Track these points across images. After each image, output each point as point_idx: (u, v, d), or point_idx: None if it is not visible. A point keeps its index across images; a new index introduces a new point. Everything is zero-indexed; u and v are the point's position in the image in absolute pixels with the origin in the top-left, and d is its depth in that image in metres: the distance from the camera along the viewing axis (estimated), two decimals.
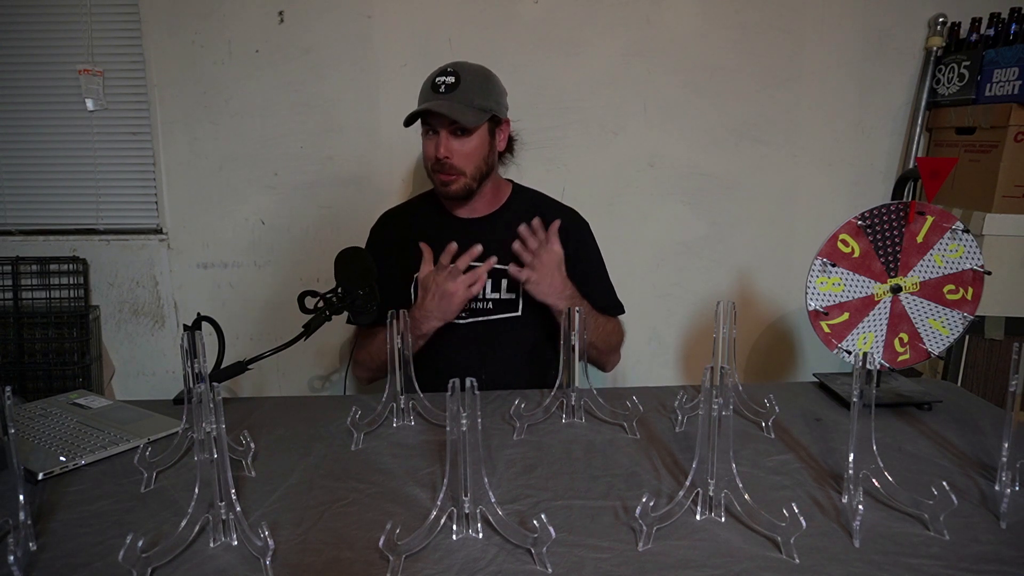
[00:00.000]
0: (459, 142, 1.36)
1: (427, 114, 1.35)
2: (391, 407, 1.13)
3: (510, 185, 1.55)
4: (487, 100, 1.37)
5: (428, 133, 1.39)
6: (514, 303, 1.43)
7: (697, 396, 1.00)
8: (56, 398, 1.26)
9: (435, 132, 1.37)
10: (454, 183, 1.38)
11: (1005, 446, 0.85)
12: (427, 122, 1.37)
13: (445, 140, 1.35)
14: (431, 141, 1.38)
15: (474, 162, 1.38)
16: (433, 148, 1.37)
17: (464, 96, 1.33)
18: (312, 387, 2.13)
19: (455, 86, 1.34)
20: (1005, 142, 1.72)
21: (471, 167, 1.38)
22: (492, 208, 1.49)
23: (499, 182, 1.52)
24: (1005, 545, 0.78)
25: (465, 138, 1.36)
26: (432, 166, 1.39)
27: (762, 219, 2.06)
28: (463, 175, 1.38)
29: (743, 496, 0.81)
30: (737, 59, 1.96)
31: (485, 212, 1.49)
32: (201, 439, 0.74)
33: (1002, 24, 1.79)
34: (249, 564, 0.75)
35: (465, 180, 1.39)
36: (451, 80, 1.34)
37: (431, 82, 1.36)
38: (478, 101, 1.35)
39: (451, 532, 0.80)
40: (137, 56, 1.95)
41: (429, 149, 1.39)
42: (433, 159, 1.37)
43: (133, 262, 2.05)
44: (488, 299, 1.44)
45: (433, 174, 1.41)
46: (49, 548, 0.79)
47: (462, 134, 1.36)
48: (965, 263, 1.14)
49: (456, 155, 1.36)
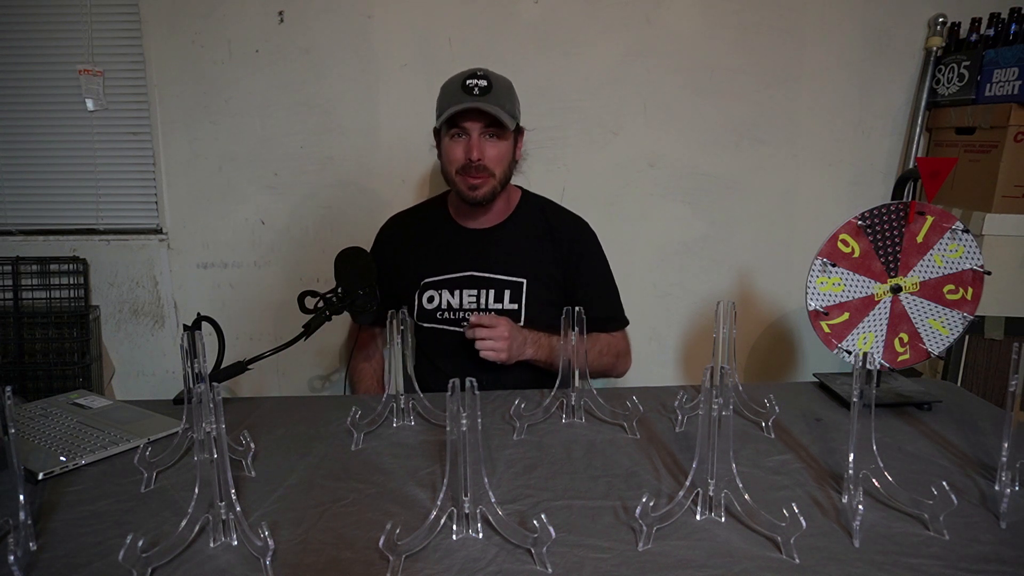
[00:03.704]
0: (491, 144, 1.35)
1: (461, 115, 1.32)
2: (391, 407, 1.13)
3: (519, 192, 1.53)
4: (514, 107, 1.38)
5: (456, 136, 1.36)
6: (516, 314, 1.42)
7: (697, 396, 1.00)
8: (56, 398, 1.26)
9: (464, 134, 1.35)
10: (483, 186, 1.36)
11: (1005, 446, 0.85)
12: (457, 124, 1.34)
13: (478, 142, 1.33)
14: (459, 143, 1.35)
15: (502, 166, 1.37)
16: (463, 150, 1.34)
17: (497, 99, 1.32)
18: (312, 387, 2.13)
19: (488, 89, 1.32)
20: (1005, 142, 1.72)
21: (500, 170, 1.37)
22: (501, 218, 1.48)
23: (509, 190, 1.50)
24: (1005, 545, 0.78)
25: (497, 141, 1.36)
26: (459, 169, 1.36)
27: (762, 219, 2.06)
28: (492, 177, 1.36)
29: (743, 496, 0.81)
30: (737, 59, 1.96)
31: (494, 223, 1.47)
32: (201, 439, 0.74)
33: (1002, 24, 1.79)
34: (249, 564, 0.75)
35: (494, 183, 1.37)
36: (484, 83, 1.32)
37: (460, 83, 1.33)
38: (508, 106, 1.34)
39: (451, 532, 0.80)
40: (137, 56, 1.95)
41: (457, 152, 1.36)
42: (463, 161, 1.35)
43: (133, 262, 2.05)
44: (491, 309, 1.43)
45: (459, 177, 1.37)
46: (49, 548, 0.79)
47: (494, 137, 1.35)
48: (965, 263, 1.14)
49: (488, 157, 1.35)
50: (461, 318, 1.44)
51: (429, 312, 1.45)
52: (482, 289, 1.43)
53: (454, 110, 1.31)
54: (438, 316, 1.45)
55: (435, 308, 1.45)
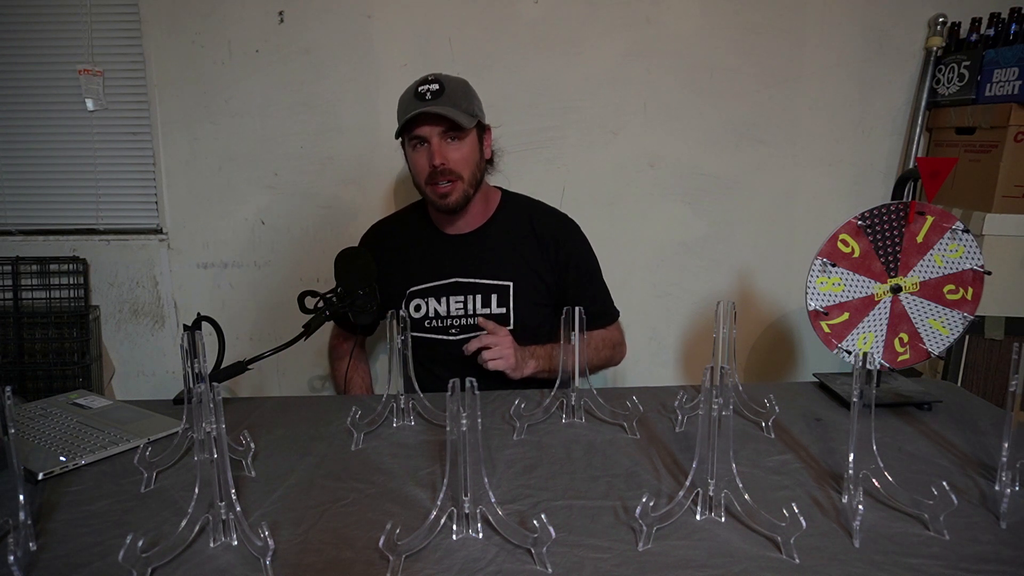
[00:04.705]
0: (453, 147, 1.33)
1: (417, 124, 1.31)
2: (391, 407, 1.13)
3: (499, 193, 1.51)
4: (472, 105, 1.35)
5: (417, 146, 1.35)
6: (505, 318, 1.42)
7: (697, 396, 1.00)
8: (56, 398, 1.26)
9: (425, 142, 1.33)
10: (452, 192, 1.35)
11: (1005, 446, 0.85)
12: (416, 135, 1.33)
13: (439, 147, 1.32)
14: (421, 153, 1.34)
15: (469, 167, 1.36)
16: (426, 158, 1.33)
17: (451, 100, 1.31)
18: (312, 387, 2.13)
19: (441, 92, 1.31)
20: (1005, 142, 1.72)
21: (467, 172, 1.35)
22: (481, 221, 1.46)
23: (487, 192, 1.48)
24: (1005, 545, 0.78)
25: (458, 143, 1.34)
26: (427, 178, 1.35)
27: (762, 219, 2.06)
28: (460, 180, 1.34)
29: (743, 496, 0.81)
30: (737, 59, 1.96)
31: (474, 226, 1.46)
32: (201, 439, 0.74)
33: (1002, 24, 1.79)
34: (249, 564, 0.75)
35: (463, 186, 1.35)
36: (436, 87, 1.31)
37: (413, 92, 1.33)
38: (464, 106, 1.33)
39: (451, 532, 0.80)
40: (137, 56, 1.95)
41: (421, 161, 1.35)
42: (428, 169, 1.34)
43: (133, 262, 2.05)
44: (479, 315, 1.42)
45: (428, 187, 1.36)
46: (49, 548, 0.79)
47: (455, 139, 1.34)
48: (965, 263, 1.14)
49: (452, 160, 1.33)
50: (449, 326, 1.43)
51: (417, 321, 1.44)
52: (468, 295, 1.42)
53: (407, 116, 1.30)
54: (426, 325, 1.44)
55: (423, 317, 1.44)
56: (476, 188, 1.40)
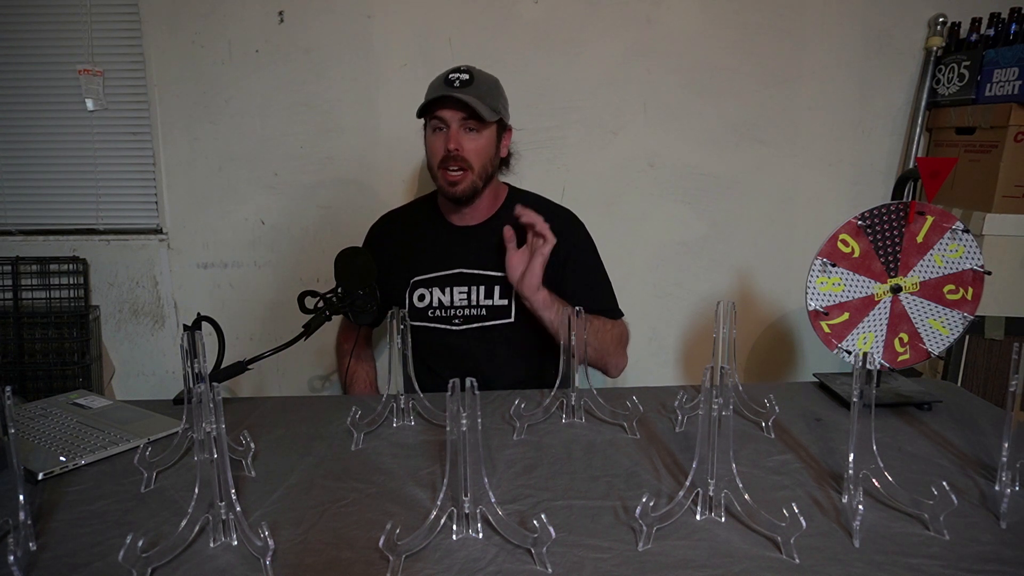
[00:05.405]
0: (469, 137, 1.36)
1: (440, 107, 1.34)
2: (391, 407, 1.13)
3: (506, 188, 1.54)
4: (497, 103, 1.38)
5: (436, 129, 1.37)
6: (507, 309, 1.43)
7: (697, 396, 1.00)
8: (56, 398, 1.26)
9: (445, 127, 1.36)
10: (462, 181, 1.36)
11: (1005, 446, 0.85)
12: (437, 116, 1.35)
13: (456, 134, 1.34)
14: (439, 137, 1.37)
15: (481, 160, 1.37)
16: (442, 141, 1.35)
17: (478, 92, 1.34)
18: (312, 387, 2.13)
19: (470, 83, 1.34)
20: (1005, 142, 1.72)
21: (479, 164, 1.37)
22: (488, 214, 1.48)
23: (497, 187, 1.50)
24: (1005, 545, 0.78)
25: (476, 134, 1.36)
26: (439, 162, 1.37)
27: (762, 219, 2.06)
28: (471, 170, 1.36)
29: (743, 496, 0.81)
30: (737, 59, 1.96)
31: (481, 219, 1.48)
32: (201, 439, 0.74)
33: (1002, 24, 1.79)
34: (249, 564, 0.75)
35: (472, 177, 1.37)
36: (466, 77, 1.34)
37: (444, 78, 1.36)
38: (489, 100, 1.35)
39: (451, 532, 0.80)
40: (137, 56, 1.95)
41: (437, 144, 1.37)
42: (442, 153, 1.36)
43: (133, 262, 2.05)
44: (482, 305, 1.43)
45: (440, 171, 1.38)
46: (49, 548, 0.79)
47: (473, 130, 1.36)
48: (965, 263, 1.14)
49: (466, 149, 1.35)
50: (452, 316, 1.44)
51: (420, 310, 1.45)
52: (472, 286, 1.44)
53: (431, 98, 1.34)
54: (429, 314, 1.45)
55: (426, 306, 1.45)
56: (486, 182, 1.41)
